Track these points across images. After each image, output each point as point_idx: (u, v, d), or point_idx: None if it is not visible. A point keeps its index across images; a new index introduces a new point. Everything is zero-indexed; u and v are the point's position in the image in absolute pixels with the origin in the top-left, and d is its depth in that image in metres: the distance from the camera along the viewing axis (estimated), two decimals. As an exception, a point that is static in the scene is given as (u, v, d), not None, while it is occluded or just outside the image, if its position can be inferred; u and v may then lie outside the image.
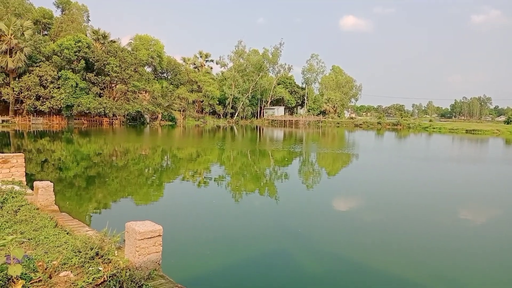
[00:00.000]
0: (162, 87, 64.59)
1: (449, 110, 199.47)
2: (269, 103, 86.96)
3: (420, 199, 12.66)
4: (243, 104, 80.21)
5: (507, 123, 77.55)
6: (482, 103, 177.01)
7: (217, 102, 76.46)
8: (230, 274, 6.35)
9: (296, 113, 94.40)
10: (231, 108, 79.72)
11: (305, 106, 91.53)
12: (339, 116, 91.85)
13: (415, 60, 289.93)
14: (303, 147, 32.19)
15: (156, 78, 69.34)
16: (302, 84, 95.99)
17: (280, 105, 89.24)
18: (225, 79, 79.83)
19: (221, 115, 79.32)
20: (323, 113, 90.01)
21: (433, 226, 9.52)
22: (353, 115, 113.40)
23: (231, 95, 76.78)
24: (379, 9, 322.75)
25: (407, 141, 44.61)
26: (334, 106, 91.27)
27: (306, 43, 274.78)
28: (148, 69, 67.97)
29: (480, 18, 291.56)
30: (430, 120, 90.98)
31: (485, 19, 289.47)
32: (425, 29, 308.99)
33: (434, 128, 70.29)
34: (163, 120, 63.58)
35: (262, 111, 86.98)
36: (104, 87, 56.05)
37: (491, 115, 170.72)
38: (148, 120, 61.39)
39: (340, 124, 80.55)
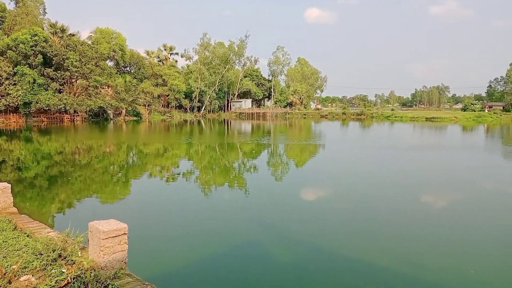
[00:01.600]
0: (125, 81, 62.79)
1: (410, 99, 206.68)
2: (236, 96, 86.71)
3: (386, 187, 13.09)
4: (210, 97, 79.48)
5: (464, 110, 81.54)
6: (441, 92, 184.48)
7: (183, 96, 75.33)
8: (201, 268, 6.31)
9: (264, 105, 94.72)
10: (198, 101, 78.82)
11: (272, 98, 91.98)
12: (306, 108, 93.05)
13: (377, 51, 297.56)
14: (271, 139, 32.40)
15: (118, 72, 67.31)
16: (269, 76, 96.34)
17: (247, 98, 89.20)
18: (191, 72, 78.67)
19: (188, 109, 78.29)
20: (290, 104, 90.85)
21: (399, 213, 9.87)
22: (319, 106, 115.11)
23: (197, 88, 75.86)
24: (343, 0, 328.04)
25: (371, 130, 45.92)
26: (300, 98, 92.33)
27: (272, 35, 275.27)
28: (110, 63, 65.81)
29: (438, 9, 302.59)
30: (392, 109, 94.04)
31: (442, 10, 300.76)
32: (387, 20, 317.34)
33: (396, 117, 72.71)
34: (127, 116, 61.93)
35: (229, 104, 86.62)
36: (64, 82, 53.76)
37: (449, 103, 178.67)
38: (111, 116, 59.61)
39: (307, 116, 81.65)
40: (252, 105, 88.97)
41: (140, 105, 64.92)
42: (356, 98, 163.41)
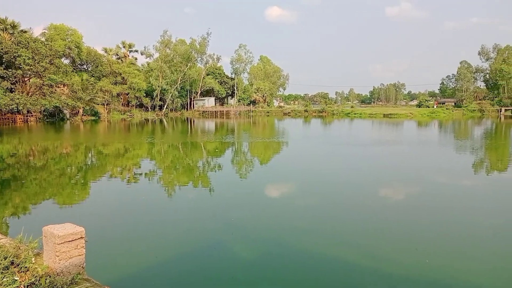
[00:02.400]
0: (82, 80, 60.34)
1: (369, 96, 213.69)
2: (199, 94, 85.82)
3: (349, 182, 13.46)
4: (172, 95, 78.11)
5: (419, 107, 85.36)
6: (397, 89, 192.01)
7: (144, 94, 73.55)
8: (163, 270, 6.20)
9: (227, 103, 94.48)
10: (160, 100, 77.24)
11: (235, 96, 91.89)
12: (269, 105, 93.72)
13: (337, 50, 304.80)
14: (235, 137, 32.36)
15: (75, 71, 64.67)
16: (232, 74, 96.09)
17: (210, 96, 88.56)
18: (152, 70, 76.89)
19: (149, 107, 76.54)
20: (253, 102, 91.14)
21: (363, 208, 10.16)
22: (282, 104, 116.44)
23: (158, 86, 74.30)
24: (305, 0, 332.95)
25: (332, 127, 47.00)
26: (263, 96, 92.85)
27: (234, 33, 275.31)
28: (65, 61, 63.10)
29: (393, 10, 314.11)
30: (352, 107, 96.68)
31: (398, 11, 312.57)
32: (346, 20, 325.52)
33: (355, 113, 74.87)
34: (85, 115, 59.61)
35: (192, 103, 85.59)
36: (16, 81, 50.79)
37: (405, 100, 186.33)
38: (68, 116, 57.15)
39: (270, 113, 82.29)
40: (215, 103, 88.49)
41: (98, 104, 62.65)
42: (317, 96, 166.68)
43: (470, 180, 13.76)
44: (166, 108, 78.74)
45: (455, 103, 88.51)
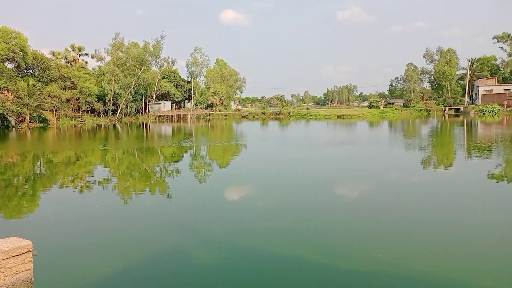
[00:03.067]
0: (28, 85, 57.03)
1: (323, 98, 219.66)
2: (154, 98, 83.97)
3: (307, 183, 13.71)
4: (125, 100, 75.80)
5: (370, 108, 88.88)
6: (350, 91, 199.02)
7: (96, 99, 70.79)
8: (119, 280, 5.98)
9: (184, 107, 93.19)
10: (113, 105, 74.67)
11: (192, 100, 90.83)
12: (226, 109, 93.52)
13: (292, 53, 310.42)
14: (193, 141, 31.99)
15: (20, 75, 61.02)
16: (188, 77, 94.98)
17: (166, 100, 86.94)
18: (103, 74, 74.19)
19: (102, 113, 73.79)
20: (211, 106, 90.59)
21: (322, 208, 10.38)
22: (239, 107, 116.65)
23: (111, 91, 71.81)
24: (258, 3, 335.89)
25: (289, 129, 47.77)
26: (220, 99, 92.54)
27: (190, 36, 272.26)
28: (9, 65, 59.43)
29: (344, 14, 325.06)
30: (307, 108, 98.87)
31: (348, 15, 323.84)
32: (300, 24, 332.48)
33: (311, 115, 76.57)
34: (32, 122, 56.34)
35: (147, 107, 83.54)
36: (-48, 87, 47.20)
37: (357, 101, 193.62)
38: (13, 123, 53.74)
39: (228, 116, 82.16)
40: (171, 107, 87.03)
41: (46, 111, 59.50)
42: (274, 98, 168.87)
43: (419, 177, 14.49)
44: (119, 113, 76.28)
45: (403, 104, 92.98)
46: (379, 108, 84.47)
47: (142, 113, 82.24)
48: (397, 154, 21.27)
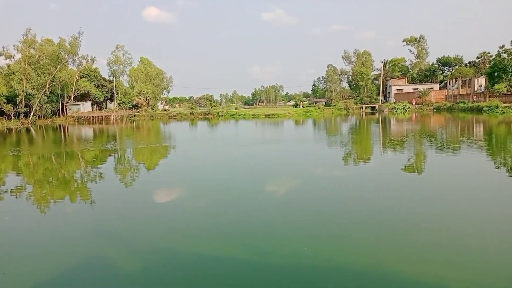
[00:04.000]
0: None
1: (251, 98, 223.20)
2: (72, 98, 78.48)
3: (237, 181, 13.85)
4: (39, 101, 69.78)
5: (295, 107, 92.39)
6: (276, 91, 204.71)
7: (5, 101, 64.21)
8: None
9: (106, 107, 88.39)
10: (25, 106, 68.32)
11: (115, 100, 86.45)
12: (153, 109, 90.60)
13: (220, 53, 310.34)
14: (117, 143, 30.50)
15: None
16: (110, 77, 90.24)
17: (86, 100, 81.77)
18: (13, 73, 67.55)
19: (12, 115, 67.10)
20: (136, 106, 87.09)
21: (252, 204, 10.55)
22: (167, 107, 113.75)
23: (23, 91, 65.64)
24: (181, 1, 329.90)
25: (218, 128, 47.77)
26: (146, 99, 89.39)
27: (111, 34, 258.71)
28: None
29: (269, 15, 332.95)
30: (236, 108, 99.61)
31: (273, 16, 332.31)
32: (226, 24, 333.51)
33: (239, 115, 77.34)
34: None
35: (65, 108, 77.78)
36: None
37: (283, 101, 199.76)
38: None
39: (155, 117, 79.68)
40: (92, 108, 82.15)
41: None
42: (202, 98, 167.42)
43: (341, 171, 15.42)
44: (33, 116, 70.09)
45: (325, 103, 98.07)
46: (303, 107, 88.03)
47: (59, 115, 76.39)
48: (321, 150, 22.40)
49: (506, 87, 68.14)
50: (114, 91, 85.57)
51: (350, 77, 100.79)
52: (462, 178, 13.15)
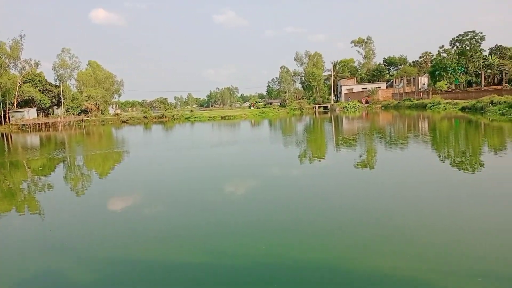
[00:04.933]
0: None
1: (206, 100, 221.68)
2: (15, 105, 73.82)
3: (194, 184, 13.73)
4: (-23, 108, 65.02)
5: (250, 108, 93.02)
6: (231, 93, 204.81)
7: None
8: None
9: (53, 114, 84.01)
10: (-39, 114, 63.37)
11: (62, 106, 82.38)
12: (104, 114, 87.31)
13: (173, 55, 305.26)
14: (66, 151, 29.12)
15: None
16: (56, 81, 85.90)
17: (31, 107, 77.19)
18: None
19: None
20: (85, 111, 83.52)
21: (209, 205, 10.52)
22: (119, 112, 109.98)
23: (-43, 98, 60.85)
24: (130, 4, 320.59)
25: (174, 132, 47.02)
26: (96, 104, 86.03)
27: (56, 37, 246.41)
28: None
29: (221, 18, 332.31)
30: (191, 111, 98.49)
31: (224, 19, 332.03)
32: (177, 25, 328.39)
33: (195, 117, 76.60)
34: None
35: (7, 116, 72.93)
36: None
37: (239, 102, 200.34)
38: None
39: (106, 122, 76.87)
40: (38, 115, 77.71)
41: None
42: (156, 101, 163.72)
43: (297, 169, 15.78)
44: (-30, 124, 65.08)
45: (280, 103, 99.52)
46: (257, 108, 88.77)
47: (1, 123, 71.53)
48: (277, 150, 22.76)
49: (446, 84, 72.97)
50: (61, 96, 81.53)
51: (303, 78, 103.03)
52: (410, 172, 13.94)
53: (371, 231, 7.74)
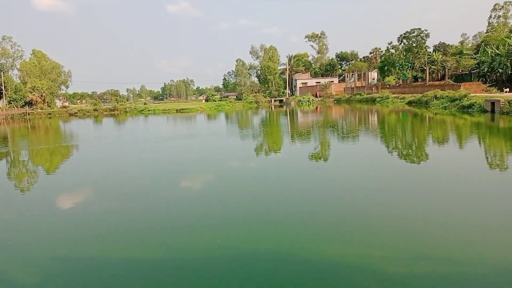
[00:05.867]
0: None
1: (161, 92, 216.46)
2: None
3: (148, 178, 13.43)
4: None
5: (207, 101, 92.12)
6: (187, 85, 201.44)
7: None
8: None
9: (-7, 106, 78.18)
10: None
11: (4, 98, 76.91)
12: (50, 106, 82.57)
13: (125, 46, 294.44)
14: (9, 145, 27.30)
15: None
16: (-5, 71, 79.86)
17: (-34, 98, 71.34)
18: None
19: None
20: (30, 104, 78.52)
21: (169, 200, 10.35)
22: (66, 104, 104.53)
23: None
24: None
25: (126, 125, 45.56)
26: (42, 95, 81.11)
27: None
28: None
29: (174, 8, 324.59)
30: (145, 103, 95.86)
31: (178, 9, 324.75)
32: (128, 15, 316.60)
33: (149, 110, 74.63)
34: None
35: None
36: None
37: (194, 95, 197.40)
38: None
39: (53, 115, 72.87)
40: (-25, 107, 71.95)
41: None
42: (107, 93, 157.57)
43: (254, 162, 15.94)
44: None
45: (236, 96, 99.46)
46: (215, 101, 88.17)
47: None
48: (234, 143, 22.80)
49: (394, 79, 76.53)
50: (3, 88, 76.04)
51: (259, 71, 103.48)
52: (361, 164, 14.55)
53: (326, 219, 8.03)
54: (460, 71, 76.25)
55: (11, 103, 76.42)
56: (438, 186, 10.42)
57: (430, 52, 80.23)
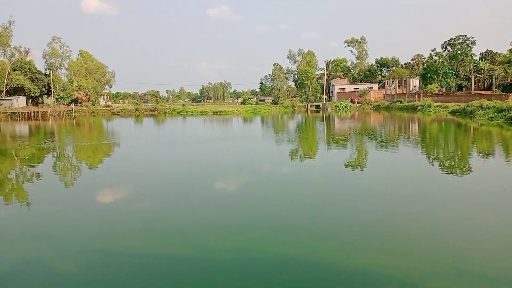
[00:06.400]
0: None
1: (199, 94, 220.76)
2: (4, 93, 72.66)
3: (186, 179, 13.69)
4: (-35, 95, 63.84)
5: (243, 104, 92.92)
6: (224, 88, 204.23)
7: None
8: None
9: (43, 103, 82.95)
10: None
11: (52, 95, 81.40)
12: (94, 105, 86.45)
13: (165, 48, 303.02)
14: (56, 141, 28.79)
15: None
16: (46, 70, 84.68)
17: (20, 95, 76.12)
18: None
19: None
20: (76, 102, 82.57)
21: (204, 201, 10.50)
22: (110, 103, 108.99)
23: None
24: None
25: (165, 126, 46.78)
26: (87, 94, 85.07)
27: (47, 25, 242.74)
28: None
29: (214, 11, 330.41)
30: (183, 105, 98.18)
31: (218, 12, 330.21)
32: (170, 18, 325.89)
33: (187, 111, 76.31)
34: None
35: (-5, 103, 71.79)
36: None
37: (231, 98, 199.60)
38: None
39: (96, 113, 76.19)
40: (27, 104, 76.68)
41: None
42: (148, 94, 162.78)
43: (289, 167, 15.85)
44: (-43, 110, 63.89)
45: (272, 100, 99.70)
46: (251, 104, 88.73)
47: (-12, 110, 70.35)
48: (269, 147, 22.80)
49: (437, 87, 73.75)
50: (51, 85, 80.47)
51: (296, 75, 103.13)
52: (400, 174, 14.09)
53: (359, 229, 7.83)
54: (509, 80, 72.33)
55: (59, 101, 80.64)
56: (483, 199, 9.89)
57: (476, 60, 76.72)
